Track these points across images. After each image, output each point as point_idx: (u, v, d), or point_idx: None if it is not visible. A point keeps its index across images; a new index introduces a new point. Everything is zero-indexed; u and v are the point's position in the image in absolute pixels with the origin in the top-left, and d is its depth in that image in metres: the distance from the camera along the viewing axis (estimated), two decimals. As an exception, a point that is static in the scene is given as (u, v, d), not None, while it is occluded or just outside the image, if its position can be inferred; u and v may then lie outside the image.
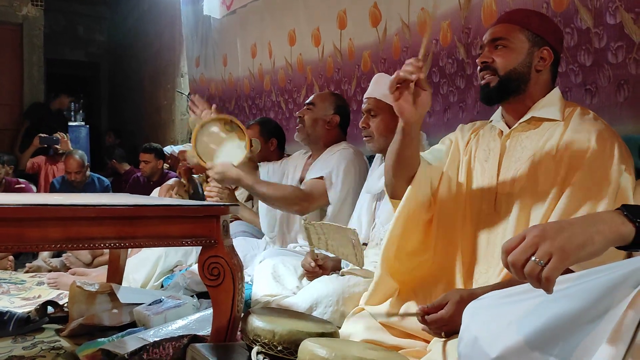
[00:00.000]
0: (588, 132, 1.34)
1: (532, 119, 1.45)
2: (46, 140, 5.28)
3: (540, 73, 1.45)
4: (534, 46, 1.44)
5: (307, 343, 1.28)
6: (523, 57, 1.44)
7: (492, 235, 1.45)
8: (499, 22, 1.51)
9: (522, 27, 1.45)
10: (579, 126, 1.37)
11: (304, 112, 2.53)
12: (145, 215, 1.51)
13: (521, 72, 1.44)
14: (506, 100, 1.48)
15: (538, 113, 1.45)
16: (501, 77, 1.45)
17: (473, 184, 1.53)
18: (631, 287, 0.82)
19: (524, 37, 1.45)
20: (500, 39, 1.46)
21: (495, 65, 1.46)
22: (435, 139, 2.33)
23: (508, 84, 1.45)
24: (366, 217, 2.09)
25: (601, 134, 1.33)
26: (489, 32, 1.50)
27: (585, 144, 1.33)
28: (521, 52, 1.44)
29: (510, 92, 1.46)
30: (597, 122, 1.38)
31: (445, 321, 1.28)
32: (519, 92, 1.46)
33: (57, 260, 3.68)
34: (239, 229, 2.90)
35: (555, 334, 0.88)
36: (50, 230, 1.38)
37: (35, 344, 2.02)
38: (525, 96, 1.46)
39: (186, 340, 1.64)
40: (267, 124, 3.07)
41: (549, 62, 1.45)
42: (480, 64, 1.50)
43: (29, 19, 6.82)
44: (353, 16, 3.03)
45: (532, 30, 1.45)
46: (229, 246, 1.63)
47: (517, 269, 0.85)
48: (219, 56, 4.79)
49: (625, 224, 0.87)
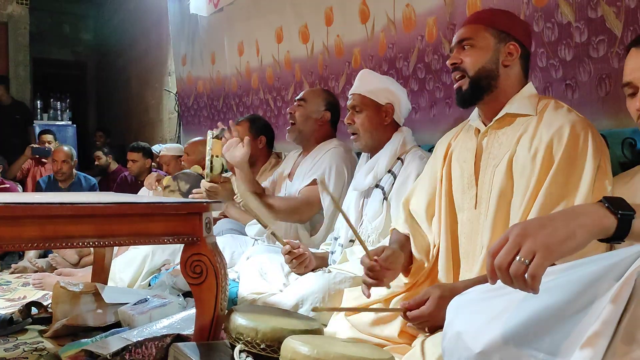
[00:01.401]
0: (561, 125, 1.34)
1: (507, 115, 1.46)
2: (38, 151, 5.34)
3: (508, 68, 1.46)
4: (499, 42, 1.46)
5: (290, 340, 1.27)
6: (490, 55, 1.46)
7: (474, 234, 1.45)
8: (465, 24, 1.54)
9: (487, 26, 1.47)
10: (552, 119, 1.37)
11: (295, 108, 2.52)
12: (125, 213, 1.50)
13: (489, 69, 1.46)
14: (481, 101, 1.50)
15: (512, 109, 1.45)
16: (471, 78, 1.47)
17: (453, 185, 1.54)
18: (614, 280, 0.82)
19: (489, 35, 1.46)
20: (467, 39, 1.49)
21: (464, 65, 1.48)
22: (423, 135, 2.33)
23: (478, 82, 1.46)
24: (353, 214, 2.08)
25: (574, 126, 1.33)
26: (456, 34, 1.53)
27: (559, 137, 1.33)
28: (487, 50, 1.46)
29: (483, 91, 1.47)
30: (571, 114, 1.38)
31: (426, 317, 1.28)
32: (490, 89, 1.47)
33: (43, 261, 3.64)
34: (226, 226, 2.89)
35: (539, 327, 0.87)
36: (26, 229, 1.35)
37: (18, 345, 2.00)
38: (499, 93, 1.47)
39: (169, 339, 1.62)
40: (256, 121, 3.04)
41: (516, 56, 1.46)
42: (450, 66, 1.52)
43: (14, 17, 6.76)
44: (341, 13, 3.02)
45: (497, 27, 1.47)
46: (211, 244, 1.61)
47: (503, 272, 0.85)
48: (206, 54, 4.76)
49: (607, 216, 0.87)
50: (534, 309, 0.89)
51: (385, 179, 1.99)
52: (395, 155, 2.01)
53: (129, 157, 4.67)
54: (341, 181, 2.34)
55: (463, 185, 1.50)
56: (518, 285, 0.83)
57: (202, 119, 5.04)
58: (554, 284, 0.89)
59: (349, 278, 1.82)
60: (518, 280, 0.83)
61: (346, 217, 1.53)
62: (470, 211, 1.47)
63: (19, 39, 6.82)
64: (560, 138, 1.32)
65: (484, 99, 1.48)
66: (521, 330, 0.89)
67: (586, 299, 0.84)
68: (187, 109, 5.40)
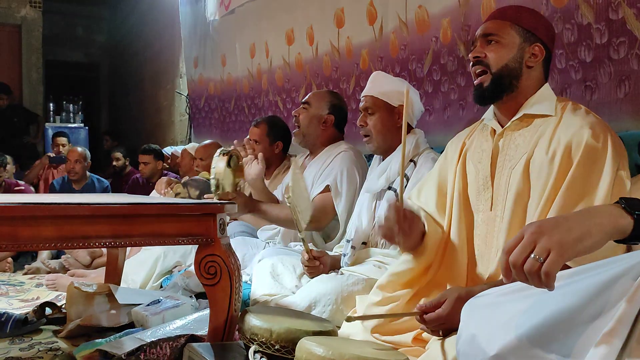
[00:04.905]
0: (580, 127, 1.32)
1: (525, 116, 1.44)
2: (55, 160, 5.53)
3: (531, 69, 1.45)
4: (525, 42, 1.44)
5: (305, 342, 1.27)
6: (514, 53, 1.44)
7: (489, 236, 1.44)
8: (491, 18, 1.51)
9: (513, 23, 1.45)
10: (570, 121, 1.35)
11: (300, 111, 2.51)
12: (140, 213, 1.50)
13: (512, 67, 1.44)
14: (500, 100, 1.47)
15: (530, 110, 1.43)
16: (493, 74, 1.44)
17: (468, 186, 1.53)
18: (632, 280, 0.81)
19: (515, 33, 1.44)
20: (492, 35, 1.46)
21: (487, 60, 1.46)
22: (435, 137, 2.33)
23: (500, 80, 1.44)
24: (366, 216, 2.08)
25: (594, 128, 1.31)
26: (480, 28, 1.50)
27: (578, 139, 1.31)
28: (512, 48, 1.44)
29: (504, 90, 1.45)
30: (589, 115, 1.36)
31: (443, 319, 1.27)
32: (511, 89, 1.45)
33: (55, 262, 3.67)
34: (237, 229, 2.89)
35: (554, 330, 0.87)
36: (44, 229, 1.36)
37: (33, 345, 2.01)
38: (518, 93, 1.45)
39: (183, 340, 1.62)
40: (276, 125, 2.93)
41: (540, 58, 1.44)
42: (472, 59, 1.49)
43: (28, 20, 6.82)
44: (350, 14, 3.02)
45: (523, 26, 1.45)
46: (225, 245, 1.61)
47: (518, 269, 0.84)
48: (218, 56, 4.78)
49: (624, 217, 0.86)
50: (550, 311, 0.88)
51: (397, 181, 1.98)
52: (408, 157, 2.00)
53: (141, 159, 4.69)
54: (353, 185, 2.33)
55: (478, 186, 1.49)
56: (533, 282, 0.83)
57: (213, 120, 5.06)
58: (570, 287, 0.88)
59: (362, 280, 1.81)
60: (532, 278, 0.83)
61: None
62: (486, 213, 1.45)
63: (32, 41, 6.89)
64: (579, 140, 1.30)
65: (503, 98, 1.46)
66: (536, 333, 0.88)
67: (602, 302, 0.83)
68: (198, 111, 5.43)
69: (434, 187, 1.61)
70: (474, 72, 1.49)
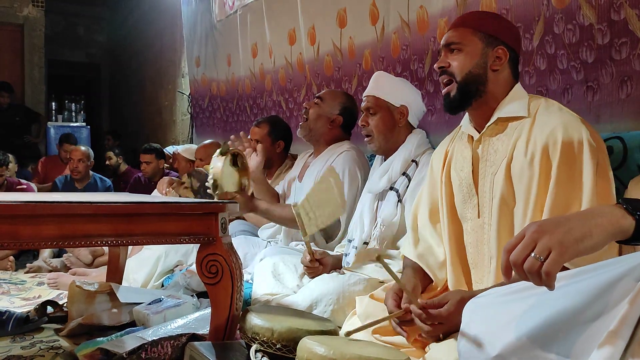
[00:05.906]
0: (554, 127, 1.31)
1: (499, 120, 1.43)
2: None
3: (497, 72, 1.45)
4: (487, 46, 1.44)
5: (306, 341, 1.27)
6: (477, 59, 1.44)
7: (480, 243, 1.44)
8: (452, 27, 1.52)
9: (475, 30, 1.45)
10: (544, 121, 1.35)
11: (311, 104, 2.52)
12: (142, 212, 1.50)
13: (477, 73, 1.44)
14: (470, 106, 1.48)
15: (503, 113, 1.43)
16: (459, 83, 1.45)
17: (455, 195, 1.53)
18: (634, 281, 0.81)
19: (477, 39, 1.45)
20: (454, 44, 1.47)
21: (451, 69, 1.46)
22: (437, 137, 2.32)
23: (466, 88, 1.44)
24: (368, 216, 2.08)
25: (567, 126, 1.30)
26: (444, 37, 1.51)
27: (553, 139, 1.30)
28: (475, 54, 1.44)
29: (471, 96, 1.45)
30: (563, 113, 1.36)
31: (443, 318, 1.27)
32: (479, 94, 1.45)
33: (57, 261, 3.68)
34: (239, 228, 2.89)
35: (555, 330, 0.87)
36: (45, 227, 1.36)
37: (34, 343, 2.01)
38: (488, 98, 1.45)
39: (185, 338, 1.62)
40: (277, 124, 2.97)
41: (505, 60, 1.44)
42: (437, 69, 1.50)
43: (30, 20, 6.83)
44: (353, 14, 3.02)
45: (485, 31, 1.45)
46: (227, 244, 1.61)
47: (518, 268, 0.85)
48: (221, 56, 4.78)
49: (625, 217, 0.86)
50: (552, 312, 0.88)
51: (399, 181, 1.99)
52: (410, 157, 2.00)
53: (142, 159, 4.69)
54: (355, 185, 2.33)
55: (463, 194, 1.49)
56: (533, 280, 0.84)
57: (216, 120, 5.06)
58: (571, 288, 0.89)
59: (363, 280, 1.81)
60: (533, 277, 0.83)
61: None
62: (474, 220, 1.46)
63: (34, 41, 6.89)
64: (554, 140, 1.30)
65: (473, 105, 1.46)
66: (538, 333, 0.89)
67: (604, 302, 0.83)
68: (201, 111, 5.43)
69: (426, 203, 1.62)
70: (442, 82, 1.50)
